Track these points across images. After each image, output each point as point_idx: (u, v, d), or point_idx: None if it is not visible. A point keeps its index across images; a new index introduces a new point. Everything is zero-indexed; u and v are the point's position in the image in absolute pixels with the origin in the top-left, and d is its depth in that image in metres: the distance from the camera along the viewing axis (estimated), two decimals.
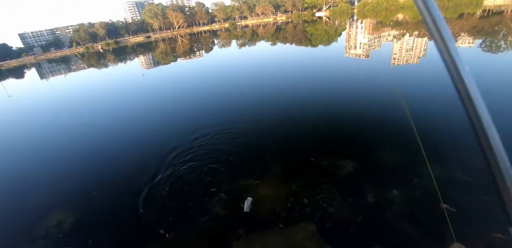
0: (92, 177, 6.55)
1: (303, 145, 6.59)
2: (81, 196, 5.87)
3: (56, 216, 5.26)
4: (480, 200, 4.32)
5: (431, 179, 4.96)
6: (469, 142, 6.02)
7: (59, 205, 5.64)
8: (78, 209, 5.44)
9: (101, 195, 5.75)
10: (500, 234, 3.46)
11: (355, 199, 4.63)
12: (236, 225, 4.29)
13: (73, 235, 4.73)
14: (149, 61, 34.40)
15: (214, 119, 8.94)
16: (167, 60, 32.01)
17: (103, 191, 5.87)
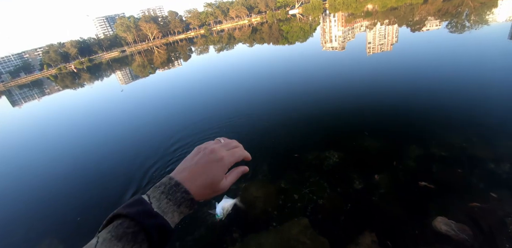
0: (78, 200, 6.47)
1: (287, 142, 6.72)
2: (67, 222, 5.73)
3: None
4: (456, 173, 4.58)
5: (411, 159, 5.25)
6: (444, 120, 6.42)
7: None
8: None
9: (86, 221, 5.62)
10: (477, 203, 3.69)
11: (343, 188, 4.79)
12: (230, 230, 4.34)
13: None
14: (127, 75, 33.99)
15: (197, 125, 8.99)
16: (145, 73, 31.73)
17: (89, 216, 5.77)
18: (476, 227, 3.41)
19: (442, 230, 3.36)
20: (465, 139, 5.56)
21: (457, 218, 3.51)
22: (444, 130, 6.01)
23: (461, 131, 5.86)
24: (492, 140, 5.39)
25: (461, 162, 4.91)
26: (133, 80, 28.75)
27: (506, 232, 3.26)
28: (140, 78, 28.86)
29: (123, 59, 64.09)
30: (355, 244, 3.46)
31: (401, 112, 7.21)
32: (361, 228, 3.75)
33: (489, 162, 4.79)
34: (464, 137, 5.63)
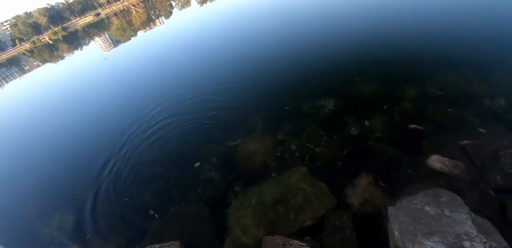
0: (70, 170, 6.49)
1: (280, 95, 6.49)
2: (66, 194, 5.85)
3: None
4: (452, 111, 4.52)
5: (407, 100, 5.13)
6: (441, 59, 6.10)
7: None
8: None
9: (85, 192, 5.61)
10: (468, 141, 3.69)
11: (339, 135, 4.77)
12: (231, 184, 4.44)
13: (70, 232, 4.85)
14: (107, 41, 31.63)
15: (188, 84, 8.61)
16: (126, 36, 29.50)
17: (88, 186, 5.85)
18: (470, 162, 3.46)
19: (436, 167, 3.41)
20: (462, 76, 5.36)
21: (451, 155, 3.53)
22: (441, 69, 5.76)
23: (458, 69, 5.60)
24: (488, 76, 5.19)
25: (457, 100, 4.80)
26: (115, 45, 26.83)
27: (498, 165, 3.31)
28: (121, 43, 26.90)
29: (100, 24, 58.91)
30: (352, 187, 3.54)
31: (394, 55, 6.81)
32: (357, 171, 3.81)
33: (485, 98, 4.69)
34: (460, 75, 5.41)
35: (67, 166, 6.80)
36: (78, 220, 4.81)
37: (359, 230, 3.03)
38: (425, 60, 6.24)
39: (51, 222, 4.99)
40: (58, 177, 6.44)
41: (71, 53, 34.21)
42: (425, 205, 2.92)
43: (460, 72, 5.49)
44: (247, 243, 3.27)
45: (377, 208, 3.15)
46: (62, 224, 4.83)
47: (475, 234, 2.50)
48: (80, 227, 4.66)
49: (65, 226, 4.76)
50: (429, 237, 2.57)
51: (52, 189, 6.17)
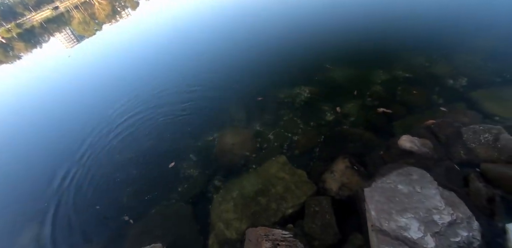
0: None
1: (255, 86, 6.43)
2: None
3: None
4: (419, 92, 4.71)
5: (378, 84, 5.27)
6: (408, 43, 6.29)
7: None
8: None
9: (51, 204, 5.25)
10: (431, 120, 3.88)
11: (316, 121, 4.84)
12: (211, 179, 4.40)
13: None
14: (70, 37, 29.50)
15: (159, 79, 8.30)
16: (91, 31, 27.68)
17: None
18: (436, 140, 3.63)
19: (406, 147, 3.56)
20: (427, 58, 5.57)
21: (420, 134, 3.69)
22: (408, 52, 5.94)
23: (424, 51, 5.81)
24: (450, 57, 5.43)
25: (423, 81, 5.00)
26: (79, 41, 25.08)
27: (461, 141, 3.50)
28: (86, 38, 25.21)
29: (59, 18, 54.66)
30: (330, 172, 3.62)
31: (363, 41, 6.91)
32: (334, 156, 3.90)
33: (448, 78, 4.91)
34: (426, 57, 5.62)
35: (29, 175, 6.35)
36: (50, 235, 4.52)
37: (339, 213, 3.13)
38: (393, 44, 6.42)
39: (19, 238, 4.71)
40: (18, 189, 6.02)
41: (29, 52, 31.53)
42: (398, 184, 3.04)
43: (426, 55, 5.70)
44: (231, 237, 3.29)
45: (354, 190, 3.25)
46: (34, 238, 4.55)
47: (443, 207, 2.65)
48: (53, 242, 4.39)
49: (38, 241, 4.49)
50: (403, 214, 2.69)
51: (15, 202, 5.75)
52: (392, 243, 2.53)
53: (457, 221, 2.51)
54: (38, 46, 33.53)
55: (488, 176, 2.92)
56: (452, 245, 2.40)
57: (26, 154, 7.32)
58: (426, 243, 2.39)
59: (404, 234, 2.51)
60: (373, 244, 2.62)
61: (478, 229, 2.45)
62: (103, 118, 7.30)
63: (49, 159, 6.51)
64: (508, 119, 3.63)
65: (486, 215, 2.63)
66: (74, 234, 4.33)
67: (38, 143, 7.60)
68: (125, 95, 8.08)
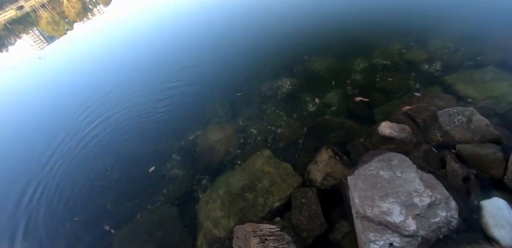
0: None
1: (237, 79, 6.38)
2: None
3: None
4: (397, 79, 4.81)
5: (357, 72, 5.33)
6: (384, 30, 6.36)
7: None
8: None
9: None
10: (408, 106, 3.98)
11: (298, 113, 4.87)
12: (198, 178, 4.38)
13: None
14: (38, 38, 27.99)
15: (135, 79, 8.06)
16: (61, 31, 26.39)
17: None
18: (414, 124, 3.74)
19: (386, 133, 3.63)
20: (404, 45, 5.66)
21: (398, 120, 3.78)
22: (385, 40, 6.02)
23: (401, 38, 5.90)
24: (425, 43, 5.55)
25: (400, 67, 5.10)
26: (49, 42, 23.85)
27: (437, 124, 3.61)
28: (56, 38, 24.01)
29: (25, 19, 51.50)
30: (314, 163, 3.67)
31: (340, 31, 6.95)
32: (318, 147, 3.94)
33: (423, 63, 5.03)
34: (403, 44, 5.71)
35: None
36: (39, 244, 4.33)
37: (325, 203, 3.18)
38: (370, 32, 6.46)
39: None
40: None
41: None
42: (380, 170, 3.11)
43: (402, 41, 5.79)
44: (220, 236, 3.29)
45: (339, 179, 3.31)
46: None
47: (423, 190, 2.74)
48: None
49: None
50: (385, 199, 2.77)
51: None
52: (376, 228, 2.60)
53: (436, 202, 2.60)
54: (4, 49, 31.58)
55: (463, 156, 3.04)
56: (432, 226, 2.49)
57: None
58: (408, 226, 2.47)
59: (387, 219, 2.58)
60: (358, 231, 2.69)
61: (455, 208, 2.56)
62: (74, 121, 7.04)
63: (16, 170, 6.20)
64: (480, 100, 3.77)
65: (462, 194, 2.74)
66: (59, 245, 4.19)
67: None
68: (100, 95, 7.80)
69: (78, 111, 7.38)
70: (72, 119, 7.15)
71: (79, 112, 7.31)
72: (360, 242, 2.63)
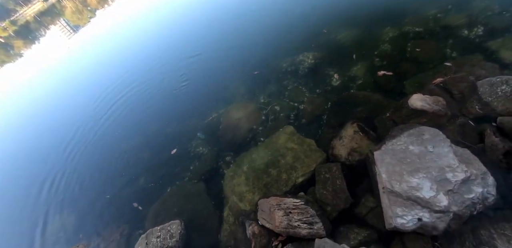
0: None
1: (257, 56, 6.18)
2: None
3: None
4: (431, 47, 4.36)
5: (386, 42, 4.91)
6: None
7: None
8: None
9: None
10: (440, 78, 3.61)
11: (322, 88, 4.66)
12: (222, 155, 4.45)
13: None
14: (65, 29, 28.81)
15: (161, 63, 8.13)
16: (85, 19, 26.95)
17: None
18: (450, 96, 3.42)
19: (417, 106, 3.38)
20: (440, 9, 5.05)
21: (432, 91, 3.46)
22: (418, 4, 5.40)
23: (436, 1, 5.26)
24: (465, 5, 4.90)
25: (436, 34, 4.60)
26: (75, 32, 24.59)
27: (476, 95, 3.27)
28: (81, 27, 24.66)
29: (52, 10, 53.07)
30: (339, 138, 3.54)
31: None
32: (342, 122, 3.79)
33: (463, 29, 4.49)
34: (439, 7, 5.09)
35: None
36: (76, 220, 4.83)
37: (349, 178, 3.11)
38: None
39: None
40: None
41: (29, 49, 31.14)
42: (409, 144, 2.94)
43: (438, 5, 5.16)
44: (245, 209, 3.39)
45: (364, 155, 3.19)
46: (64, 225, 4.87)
47: (457, 165, 2.55)
48: (79, 226, 4.69)
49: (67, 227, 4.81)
50: (414, 174, 2.63)
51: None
52: (404, 203, 2.51)
53: (471, 178, 2.42)
54: (36, 41, 32.97)
55: (505, 129, 2.76)
56: (466, 202, 2.35)
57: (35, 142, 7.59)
58: (439, 201, 2.35)
59: (416, 194, 2.47)
60: (385, 206, 2.62)
61: (493, 184, 2.37)
62: (99, 102, 7.38)
63: (47, 157, 6.70)
64: None
65: (501, 170, 2.53)
66: (95, 220, 4.60)
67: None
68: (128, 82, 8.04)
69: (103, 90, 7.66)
70: (93, 103, 7.53)
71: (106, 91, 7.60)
72: (386, 217, 2.57)
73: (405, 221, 2.40)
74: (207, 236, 3.48)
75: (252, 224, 3.11)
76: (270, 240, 2.90)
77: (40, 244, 4.76)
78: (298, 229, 2.72)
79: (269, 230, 2.97)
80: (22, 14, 72.70)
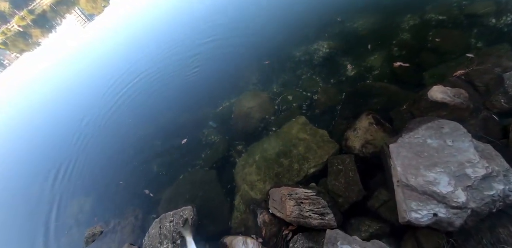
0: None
1: (270, 45, 5.98)
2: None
3: None
4: (454, 36, 4.08)
5: (406, 31, 4.64)
6: None
7: None
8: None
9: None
10: (461, 70, 3.38)
11: (336, 78, 4.50)
12: (233, 144, 4.42)
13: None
14: (80, 17, 28.76)
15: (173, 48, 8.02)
16: (99, 8, 26.77)
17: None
18: (473, 88, 3.22)
19: (438, 98, 3.20)
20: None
21: (454, 84, 3.27)
22: None
23: None
24: None
25: (460, 22, 4.29)
26: (90, 20, 24.56)
27: (502, 88, 3.07)
28: (95, 16, 24.56)
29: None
30: (353, 130, 3.43)
31: None
32: (357, 113, 3.66)
33: (490, 17, 4.16)
34: None
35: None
36: (92, 204, 4.98)
37: (363, 170, 3.02)
38: None
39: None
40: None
41: (46, 37, 31.32)
42: (427, 138, 2.81)
43: None
44: (256, 197, 3.37)
45: (379, 147, 3.08)
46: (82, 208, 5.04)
47: (478, 160, 2.43)
48: (95, 210, 4.84)
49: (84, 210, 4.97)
50: (432, 169, 2.53)
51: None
52: (419, 198, 2.43)
53: (493, 174, 2.30)
54: (53, 30, 33.14)
55: None
56: (485, 199, 2.24)
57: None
58: (457, 197, 2.25)
59: (433, 189, 2.37)
60: (399, 200, 2.54)
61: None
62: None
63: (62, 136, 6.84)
64: None
65: None
66: (110, 204, 4.72)
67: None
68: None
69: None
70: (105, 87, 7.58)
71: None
72: (400, 211, 2.50)
73: (419, 216, 2.32)
74: (218, 222, 3.51)
75: (263, 212, 3.11)
76: (280, 229, 2.90)
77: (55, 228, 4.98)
78: (309, 219, 2.69)
79: (279, 219, 2.96)
80: (39, 3, 72.76)
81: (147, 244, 3.27)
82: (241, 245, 2.84)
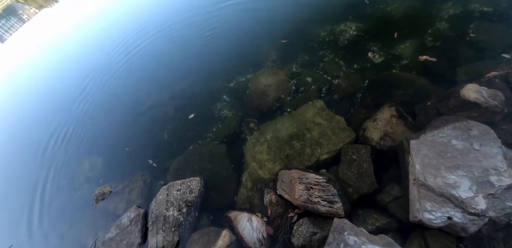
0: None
1: (294, 22, 5.39)
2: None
3: None
4: (498, 32, 3.59)
5: (444, 20, 4.11)
6: None
7: None
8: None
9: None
10: (495, 71, 3.00)
11: (360, 64, 4.10)
12: (246, 121, 4.20)
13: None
14: None
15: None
16: None
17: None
18: (511, 92, 2.89)
19: (470, 98, 2.89)
20: None
21: (491, 84, 2.93)
22: None
23: None
24: None
25: (507, 17, 3.77)
26: None
27: None
28: None
29: None
30: (372, 120, 3.18)
31: None
32: (378, 104, 3.38)
33: None
34: None
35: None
36: (105, 162, 4.91)
37: (377, 163, 2.85)
38: None
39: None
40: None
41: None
42: (453, 138, 2.58)
43: None
44: (264, 177, 3.25)
45: (399, 142, 2.86)
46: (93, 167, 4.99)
47: (505, 169, 2.23)
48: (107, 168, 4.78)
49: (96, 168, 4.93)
50: (453, 171, 2.34)
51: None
52: (435, 199, 2.27)
53: None
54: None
55: None
56: (506, 209, 2.09)
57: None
58: (476, 204, 2.10)
59: (452, 192, 2.21)
60: (413, 198, 2.39)
61: None
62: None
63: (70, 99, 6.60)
64: None
65: None
66: (121, 167, 4.64)
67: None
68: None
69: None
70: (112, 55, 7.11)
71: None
72: (412, 209, 2.36)
73: (433, 217, 2.19)
74: (224, 196, 3.45)
75: (270, 192, 3.00)
76: (286, 211, 2.82)
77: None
78: (317, 205, 2.58)
79: (286, 201, 2.86)
80: None
81: (154, 208, 3.22)
82: (246, 221, 2.78)
